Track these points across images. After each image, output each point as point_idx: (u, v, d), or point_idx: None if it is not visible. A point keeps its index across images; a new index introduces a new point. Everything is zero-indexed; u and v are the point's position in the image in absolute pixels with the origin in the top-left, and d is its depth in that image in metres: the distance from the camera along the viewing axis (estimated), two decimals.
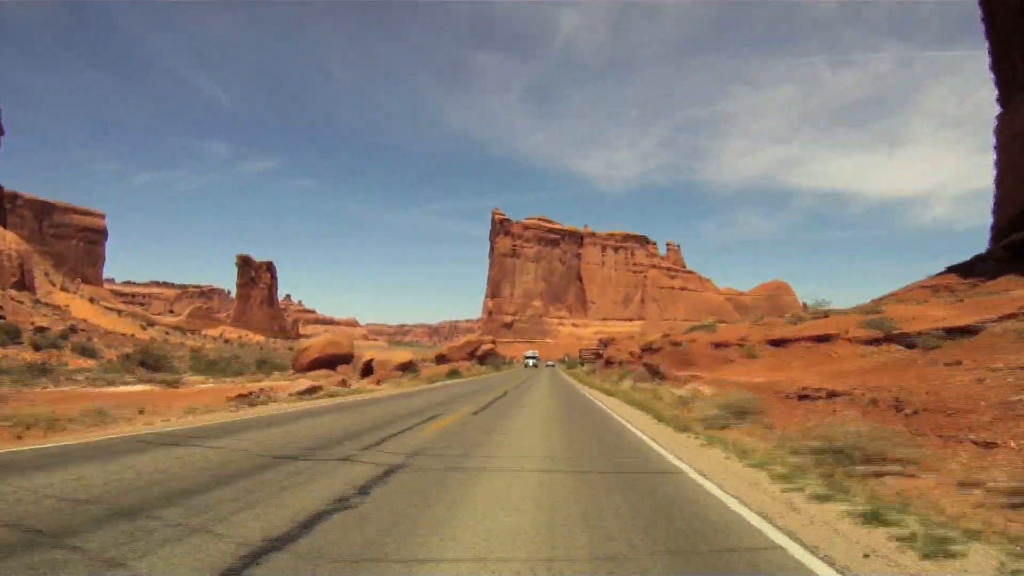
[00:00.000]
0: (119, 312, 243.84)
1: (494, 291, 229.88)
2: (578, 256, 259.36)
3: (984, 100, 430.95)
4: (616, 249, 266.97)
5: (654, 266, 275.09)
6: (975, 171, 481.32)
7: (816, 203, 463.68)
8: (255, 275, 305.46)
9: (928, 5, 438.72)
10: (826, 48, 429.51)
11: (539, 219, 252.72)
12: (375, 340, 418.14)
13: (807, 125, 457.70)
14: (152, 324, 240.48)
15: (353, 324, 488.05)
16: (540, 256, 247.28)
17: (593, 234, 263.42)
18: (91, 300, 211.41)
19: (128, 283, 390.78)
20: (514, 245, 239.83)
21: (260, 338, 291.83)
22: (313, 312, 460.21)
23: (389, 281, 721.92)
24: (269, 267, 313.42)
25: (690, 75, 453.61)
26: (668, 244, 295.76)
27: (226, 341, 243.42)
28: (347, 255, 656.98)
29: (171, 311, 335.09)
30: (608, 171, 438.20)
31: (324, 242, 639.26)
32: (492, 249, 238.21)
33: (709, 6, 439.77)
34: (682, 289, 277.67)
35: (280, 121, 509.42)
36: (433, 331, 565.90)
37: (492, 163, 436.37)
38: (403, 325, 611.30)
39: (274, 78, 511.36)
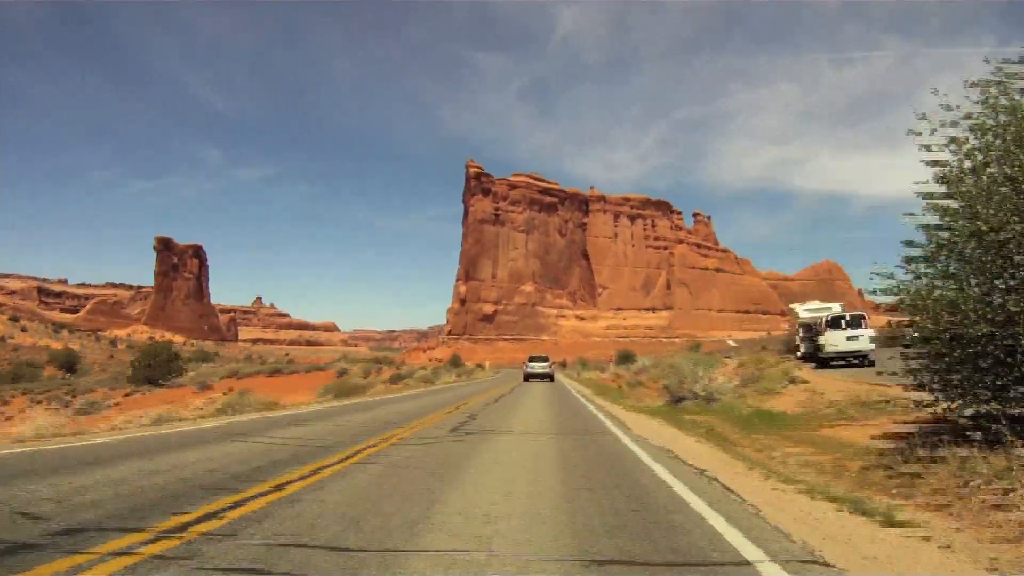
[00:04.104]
0: None
1: (468, 271, 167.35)
2: (583, 226, 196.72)
3: None
4: (632, 218, 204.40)
5: (681, 241, 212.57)
6: None
7: (816, 204, 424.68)
8: (178, 262, 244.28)
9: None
10: (827, 45, 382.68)
11: (530, 176, 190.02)
12: (356, 346, 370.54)
13: (808, 123, 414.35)
14: (16, 320, 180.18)
15: (331, 328, 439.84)
16: (532, 225, 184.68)
17: (602, 198, 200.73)
18: None
19: (82, 284, 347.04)
20: (496, 209, 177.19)
21: (179, 339, 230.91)
22: (286, 316, 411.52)
23: (380, 287, 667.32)
24: (197, 252, 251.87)
25: (690, 73, 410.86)
26: (696, 215, 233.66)
27: (109, 342, 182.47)
28: (338, 261, 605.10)
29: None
30: (607, 172, 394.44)
31: (313, 247, 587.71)
32: (466, 214, 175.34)
33: (709, 1, 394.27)
34: (717, 271, 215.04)
35: (272, 127, 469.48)
36: (422, 335, 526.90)
37: (489, 164, 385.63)
38: (391, 331, 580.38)
39: (267, 81, 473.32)
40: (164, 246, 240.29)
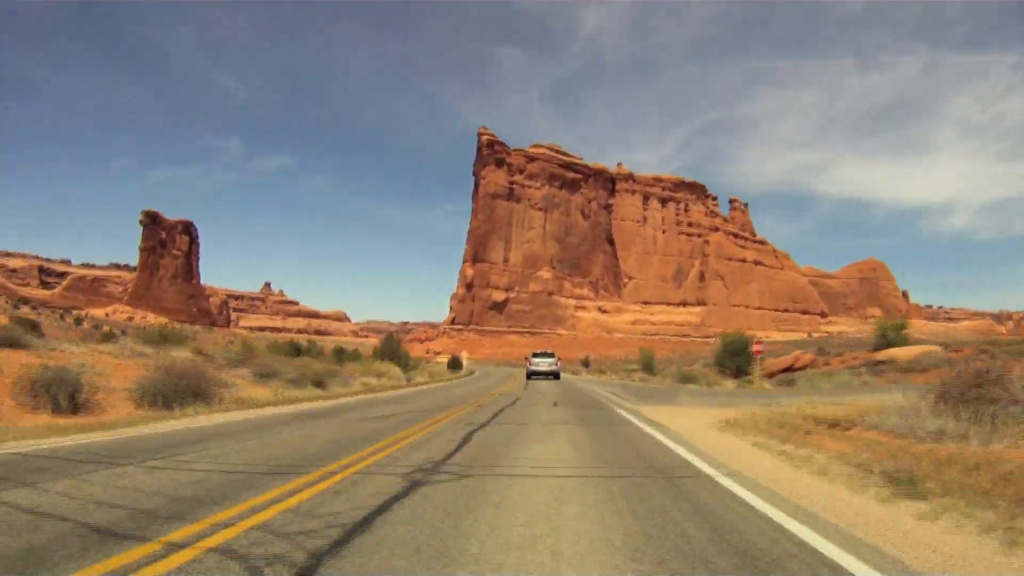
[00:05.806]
0: None
1: (477, 252, 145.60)
2: (608, 208, 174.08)
3: (1009, 107, 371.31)
4: (664, 201, 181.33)
5: (717, 228, 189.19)
6: (998, 180, 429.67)
7: (838, 209, 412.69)
8: (166, 238, 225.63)
9: (955, 7, 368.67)
10: (852, 50, 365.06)
11: (551, 148, 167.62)
12: (366, 337, 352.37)
13: (831, 129, 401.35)
14: None
15: (341, 318, 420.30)
16: (552, 203, 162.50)
17: (630, 176, 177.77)
18: None
19: (85, 265, 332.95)
20: (511, 183, 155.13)
21: (162, 321, 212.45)
22: (296, 303, 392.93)
23: (396, 279, 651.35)
24: (187, 228, 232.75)
25: (713, 76, 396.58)
26: (732, 202, 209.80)
27: (78, 322, 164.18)
28: (353, 252, 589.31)
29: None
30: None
31: (333, 240, 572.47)
32: (476, 187, 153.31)
33: (734, 5, 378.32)
34: (756, 264, 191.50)
35: (291, 119, 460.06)
36: (435, 328, 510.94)
37: None
38: (406, 323, 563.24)
39: (289, 74, 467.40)
40: (151, 220, 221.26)
